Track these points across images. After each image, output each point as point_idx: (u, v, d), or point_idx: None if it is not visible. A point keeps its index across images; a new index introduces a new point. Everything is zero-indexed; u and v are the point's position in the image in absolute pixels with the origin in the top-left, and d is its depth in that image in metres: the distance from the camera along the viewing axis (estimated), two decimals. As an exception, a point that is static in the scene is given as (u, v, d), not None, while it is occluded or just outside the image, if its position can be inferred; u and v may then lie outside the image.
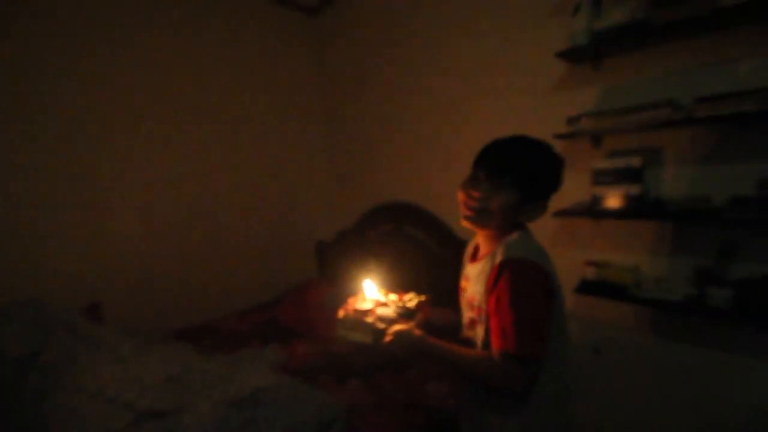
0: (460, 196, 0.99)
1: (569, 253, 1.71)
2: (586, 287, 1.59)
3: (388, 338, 0.97)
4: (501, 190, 0.94)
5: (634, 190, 1.46)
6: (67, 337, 1.40)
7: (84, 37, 1.88)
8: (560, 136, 1.59)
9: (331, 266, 2.75)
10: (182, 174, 2.21)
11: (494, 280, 0.91)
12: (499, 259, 0.92)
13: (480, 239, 1.05)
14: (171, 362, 1.46)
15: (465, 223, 1.00)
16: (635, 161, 1.46)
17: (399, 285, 1.19)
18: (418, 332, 0.97)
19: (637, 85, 1.54)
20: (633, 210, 1.45)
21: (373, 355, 1.79)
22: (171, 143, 2.17)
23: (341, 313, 1.04)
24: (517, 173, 0.94)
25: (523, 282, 0.89)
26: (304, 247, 2.82)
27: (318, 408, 1.35)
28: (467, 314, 1.03)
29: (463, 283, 1.08)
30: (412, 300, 1.07)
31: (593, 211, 1.53)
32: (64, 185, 1.85)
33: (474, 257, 1.08)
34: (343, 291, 2.32)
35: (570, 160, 1.65)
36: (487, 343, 0.94)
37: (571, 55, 1.60)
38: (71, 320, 1.51)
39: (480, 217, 0.97)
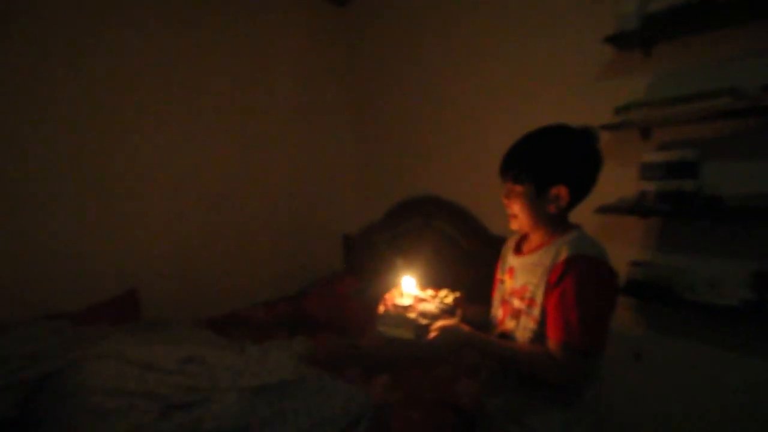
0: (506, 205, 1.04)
1: (613, 252, 1.57)
2: (631, 288, 1.49)
3: (432, 334, 0.95)
4: (521, 190, 0.97)
5: (688, 185, 1.35)
6: (68, 342, 1.40)
7: (119, 28, 1.91)
8: (606, 127, 1.49)
9: (358, 260, 2.73)
10: (212, 166, 2.23)
11: (559, 276, 0.90)
12: (564, 255, 0.92)
13: (530, 234, 1.05)
14: (194, 345, 1.48)
15: (516, 229, 1.04)
16: (690, 154, 1.35)
17: (428, 280, 1.17)
18: (466, 327, 0.96)
19: (693, 72, 1.42)
20: (686, 207, 1.35)
21: (404, 350, 1.75)
22: (201, 136, 2.19)
23: (381, 309, 1.02)
24: (523, 166, 0.97)
25: (593, 278, 0.90)
26: (332, 240, 2.81)
27: (346, 402, 1.33)
28: (513, 305, 1.02)
29: (504, 276, 1.08)
30: (447, 296, 1.05)
31: (641, 207, 1.43)
32: (99, 176, 1.89)
33: (519, 250, 1.07)
34: (369, 284, 2.32)
35: (616, 153, 1.57)
36: (538, 335, 0.93)
37: (619, 41, 1.49)
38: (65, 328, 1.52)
39: (521, 222, 1.01)
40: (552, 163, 0.96)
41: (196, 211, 2.19)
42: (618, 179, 1.56)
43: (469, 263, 2.10)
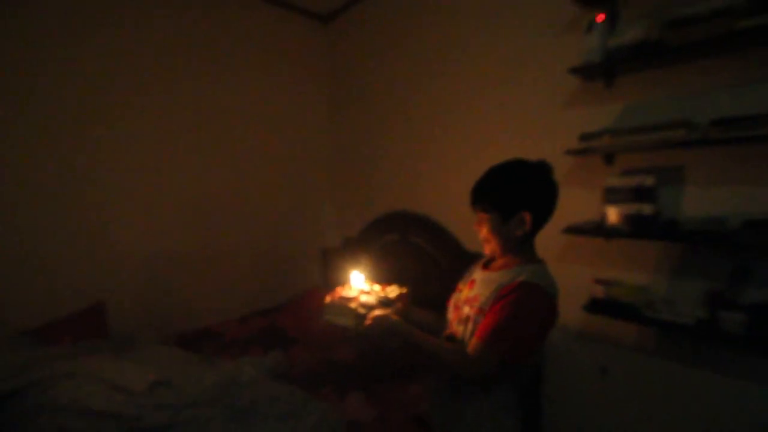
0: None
1: (578, 270, 1.69)
2: (594, 306, 1.57)
3: (367, 322, 1.06)
4: (489, 218, 1.10)
5: (647, 209, 1.44)
6: (29, 361, 1.35)
7: (86, 35, 1.88)
8: (572, 153, 1.58)
9: (336, 274, 2.73)
10: (186, 178, 2.22)
11: (508, 292, 1.02)
12: (522, 278, 1.03)
13: (499, 258, 1.16)
14: (162, 367, 1.44)
15: (488, 254, 1.16)
16: (648, 180, 1.45)
17: (399, 285, 1.27)
18: (395, 317, 1.06)
19: (651, 104, 1.53)
20: (644, 230, 1.43)
21: (373, 364, 1.77)
22: (175, 147, 2.17)
23: (328, 299, 1.13)
24: (489, 196, 1.10)
25: (533, 303, 1.01)
26: (309, 255, 2.81)
27: (318, 422, 1.33)
28: (463, 311, 1.13)
29: (463, 286, 1.20)
30: (393, 291, 1.16)
31: (603, 229, 1.52)
32: (67, 187, 1.85)
33: (486, 266, 1.19)
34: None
35: (581, 178, 1.66)
36: (466, 342, 1.05)
37: (584, 72, 1.59)
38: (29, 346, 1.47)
39: (493, 246, 1.12)
40: (514, 191, 1.08)
41: (168, 223, 2.15)
42: (583, 202, 1.65)
43: (446, 277, 2.14)
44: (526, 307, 1.00)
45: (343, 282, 1.23)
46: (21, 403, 1.17)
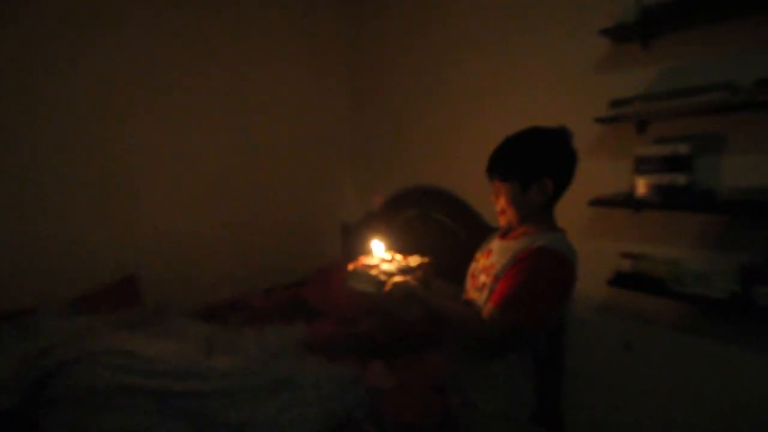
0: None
1: (604, 244, 1.63)
2: (620, 280, 1.52)
3: (386, 287, 1.06)
4: (507, 187, 1.08)
5: (681, 179, 1.37)
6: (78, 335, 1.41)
7: (117, 17, 1.91)
8: (601, 120, 1.50)
9: (356, 248, 2.75)
10: (211, 157, 2.26)
11: (524, 258, 1.00)
12: (539, 243, 1.01)
13: (517, 227, 1.14)
14: (192, 343, 1.51)
15: (504, 225, 1.15)
16: (683, 148, 1.36)
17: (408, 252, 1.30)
18: (414, 283, 1.07)
19: (691, 66, 1.42)
20: (677, 201, 1.36)
21: (394, 336, 1.80)
22: (201, 127, 2.20)
23: (351, 266, 1.17)
24: (508, 164, 1.08)
25: (548, 268, 0.99)
26: (331, 229, 2.83)
27: (342, 389, 1.37)
28: (479, 279, 1.13)
29: (480, 255, 1.21)
30: (415, 261, 1.18)
31: (633, 200, 1.45)
32: (102, 170, 1.92)
33: (504, 236, 1.18)
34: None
35: (610, 147, 1.59)
36: (482, 307, 1.04)
37: (616, 33, 1.49)
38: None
39: (509, 217, 1.11)
40: (534, 158, 1.06)
41: (195, 200, 2.21)
42: (612, 172, 1.58)
43: (466, 251, 2.12)
44: (543, 272, 0.98)
45: (366, 251, 1.25)
46: (55, 381, 1.21)
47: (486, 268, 1.12)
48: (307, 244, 2.69)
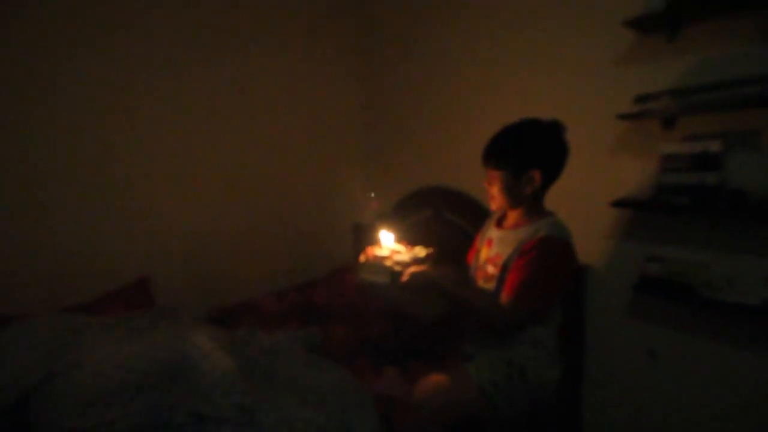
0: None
1: (628, 246, 1.55)
2: (645, 285, 1.45)
3: (404, 278, 1.11)
4: (500, 175, 1.16)
5: (710, 178, 1.29)
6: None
7: (123, 19, 1.89)
8: (625, 116, 1.43)
9: (367, 244, 2.72)
10: (223, 157, 2.23)
11: (530, 248, 1.09)
12: (542, 233, 1.10)
13: (509, 212, 1.24)
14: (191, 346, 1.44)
15: (494, 209, 1.26)
16: (714, 146, 1.29)
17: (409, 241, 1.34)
18: (433, 272, 1.12)
19: (721, 59, 1.34)
20: (707, 202, 1.28)
21: (407, 336, 1.77)
22: (212, 129, 2.18)
23: (362, 258, 1.20)
24: (502, 153, 1.17)
25: (555, 256, 1.09)
26: (342, 230, 2.80)
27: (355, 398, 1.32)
28: (487, 270, 1.20)
29: (481, 246, 1.28)
30: (421, 251, 1.22)
31: (659, 202, 1.38)
32: (115, 173, 1.91)
33: (499, 225, 1.27)
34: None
35: (634, 144, 1.51)
36: (497, 295, 1.13)
37: (641, 25, 1.41)
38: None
39: (499, 202, 1.20)
40: (526, 150, 1.14)
41: (207, 202, 2.20)
42: (636, 172, 1.50)
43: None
44: (550, 260, 1.08)
45: (373, 242, 1.26)
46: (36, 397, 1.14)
47: (491, 259, 1.20)
48: (319, 245, 2.66)
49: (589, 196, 1.60)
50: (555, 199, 1.28)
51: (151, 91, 1.99)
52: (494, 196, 1.20)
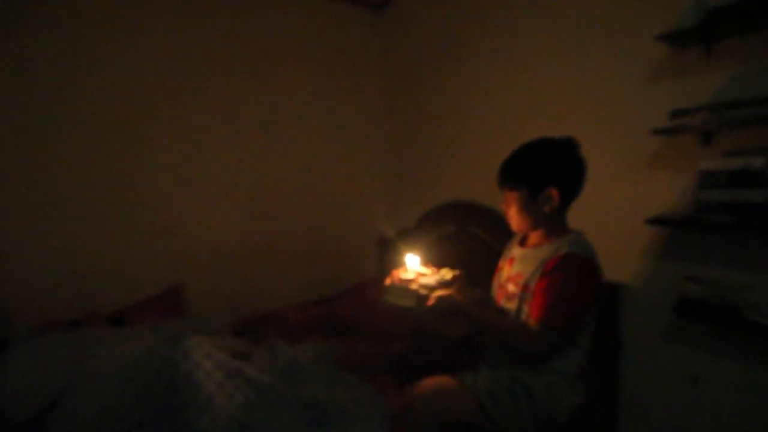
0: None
1: (665, 266, 1.49)
2: (685, 307, 1.37)
3: (430, 302, 1.08)
4: (517, 196, 1.14)
5: (754, 196, 1.23)
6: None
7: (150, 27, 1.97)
8: (660, 132, 1.39)
9: (392, 263, 2.71)
10: (251, 172, 2.31)
11: (554, 267, 1.06)
12: (563, 251, 1.07)
13: (530, 233, 1.22)
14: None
15: (515, 230, 1.23)
16: (757, 161, 1.23)
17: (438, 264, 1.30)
18: (459, 297, 1.10)
19: (760, 73, 1.29)
20: (750, 220, 1.22)
21: (429, 352, 1.73)
22: (241, 143, 2.26)
23: (387, 281, 1.17)
24: (517, 174, 1.15)
25: (580, 274, 1.06)
26: (365, 245, 2.81)
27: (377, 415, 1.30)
28: (508, 289, 1.18)
29: (503, 264, 1.27)
30: (447, 273, 1.19)
31: (698, 220, 1.32)
32: (148, 187, 2.01)
33: (522, 243, 1.25)
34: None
35: (670, 161, 1.46)
36: (523, 316, 1.10)
37: (676, 38, 1.38)
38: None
39: (518, 224, 1.18)
40: (541, 168, 1.12)
41: (236, 216, 2.27)
42: (672, 188, 1.45)
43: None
44: (574, 279, 1.04)
45: (398, 265, 1.24)
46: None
47: (512, 278, 1.18)
48: (342, 260, 2.68)
49: (624, 213, 1.55)
50: (587, 216, 1.25)
51: (184, 113, 2.08)
52: (513, 217, 1.18)
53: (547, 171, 1.12)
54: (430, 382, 1.18)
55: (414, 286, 1.12)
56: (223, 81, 2.18)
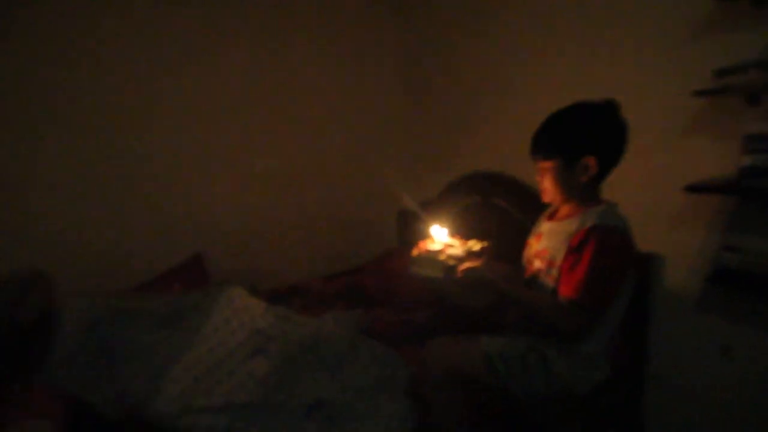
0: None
1: (702, 235, 1.43)
2: (720, 276, 1.33)
3: (459, 273, 1.06)
4: (551, 166, 1.08)
5: (804, 160, 1.15)
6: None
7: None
8: (702, 93, 1.30)
9: (414, 236, 2.70)
10: (273, 145, 2.32)
11: (581, 241, 1.01)
12: (590, 223, 1.01)
13: (562, 205, 1.16)
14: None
15: (548, 202, 1.17)
16: (809, 123, 1.15)
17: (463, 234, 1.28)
18: (487, 268, 1.07)
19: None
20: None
21: (452, 322, 1.75)
22: (262, 117, 2.27)
23: (415, 252, 1.16)
24: (552, 142, 1.08)
25: (609, 247, 0.99)
26: (388, 217, 2.82)
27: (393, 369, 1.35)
28: (534, 265, 1.14)
29: (532, 239, 1.22)
30: (475, 245, 1.16)
31: (740, 186, 1.25)
32: (177, 165, 2.05)
33: (551, 217, 1.20)
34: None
35: (711, 124, 1.38)
36: (552, 292, 1.06)
37: (723, -10, 1.27)
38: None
39: (552, 195, 1.12)
40: (578, 135, 1.05)
41: (260, 188, 2.30)
42: (713, 153, 1.38)
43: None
44: (604, 253, 0.98)
45: (424, 236, 1.22)
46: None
47: (539, 253, 1.13)
48: (364, 232, 2.70)
49: (660, 180, 1.48)
50: (621, 184, 1.19)
51: (206, 88, 2.09)
52: (546, 189, 1.12)
53: (585, 138, 1.04)
54: (439, 341, 1.21)
55: (442, 257, 1.11)
56: (245, 56, 2.17)
